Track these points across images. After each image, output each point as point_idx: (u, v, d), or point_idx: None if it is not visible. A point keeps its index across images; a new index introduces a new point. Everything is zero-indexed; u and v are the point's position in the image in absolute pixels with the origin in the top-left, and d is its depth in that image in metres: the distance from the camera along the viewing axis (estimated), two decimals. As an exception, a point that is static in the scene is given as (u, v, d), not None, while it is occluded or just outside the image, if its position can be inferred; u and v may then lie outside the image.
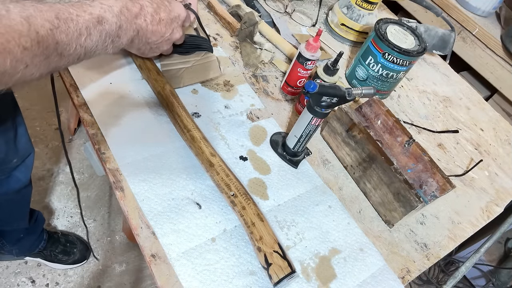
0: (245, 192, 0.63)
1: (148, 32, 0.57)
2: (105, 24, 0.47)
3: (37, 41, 0.37)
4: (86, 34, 0.44)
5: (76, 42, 0.43)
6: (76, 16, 0.43)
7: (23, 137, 0.85)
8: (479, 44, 1.44)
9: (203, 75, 0.80)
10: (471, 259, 0.75)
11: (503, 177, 0.92)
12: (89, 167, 1.63)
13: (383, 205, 0.72)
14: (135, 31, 0.54)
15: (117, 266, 1.42)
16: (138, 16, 0.54)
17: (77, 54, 0.44)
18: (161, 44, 0.63)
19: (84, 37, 0.44)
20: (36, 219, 1.18)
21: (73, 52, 0.43)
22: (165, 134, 0.70)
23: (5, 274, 1.30)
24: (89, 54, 0.47)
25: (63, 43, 0.41)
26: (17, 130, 0.82)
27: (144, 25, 0.55)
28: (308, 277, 0.61)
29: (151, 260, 0.56)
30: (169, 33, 0.62)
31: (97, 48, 0.47)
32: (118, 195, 0.61)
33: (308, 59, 0.78)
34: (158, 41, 0.61)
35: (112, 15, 0.48)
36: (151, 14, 0.56)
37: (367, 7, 1.02)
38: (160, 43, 0.62)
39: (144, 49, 0.62)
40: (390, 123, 0.76)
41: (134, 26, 0.53)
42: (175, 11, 0.61)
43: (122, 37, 0.52)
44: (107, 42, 0.49)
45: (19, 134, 0.83)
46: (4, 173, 0.88)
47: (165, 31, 0.60)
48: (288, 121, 0.82)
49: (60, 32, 0.40)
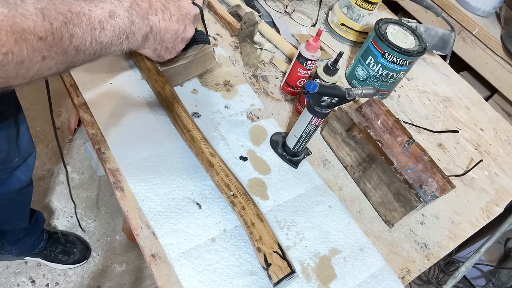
0: (244, 192, 0.63)
1: (161, 29, 0.57)
2: (117, 19, 0.47)
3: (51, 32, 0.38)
4: (100, 28, 0.45)
5: (90, 35, 0.43)
6: (88, 10, 0.43)
7: (25, 136, 0.85)
8: (479, 44, 1.44)
9: (200, 67, 0.79)
10: (471, 259, 0.75)
11: (503, 177, 0.92)
12: (89, 167, 1.63)
13: (383, 205, 0.72)
14: (148, 27, 0.54)
15: (117, 266, 1.42)
16: (149, 11, 0.54)
17: (93, 49, 0.45)
18: (176, 43, 0.62)
19: (98, 31, 0.44)
20: (37, 219, 1.18)
21: (89, 46, 0.44)
22: (165, 134, 0.70)
23: (5, 274, 1.30)
24: (105, 50, 0.47)
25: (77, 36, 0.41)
26: (19, 129, 0.82)
27: (156, 21, 0.55)
28: (308, 277, 0.61)
29: (151, 260, 0.56)
30: (182, 30, 0.61)
31: (112, 44, 0.48)
32: (118, 195, 0.61)
33: (308, 59, 0.78)
34: (172, 39, 0.60)
35: (123, 9, 0.49)
36: (161, 9, 0.56)
37: (367, 7, 1.02)
38: (175, 42, 0.61)
39: (160, 49, 0.61)
40: (390, 123, 0.76)
41: (147, 21, 0.53)
42: (185, 8, 0.61)
43: (137, 33, 0.52)
44: (122, 38, 0.49)
45: (21, 133, 0.83)
46: (6, 172, 0.88)
47: (178, 27, 0.60)
48: (288, 121, 0.82)
49: (74, 25, 0.41)
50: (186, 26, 0.61)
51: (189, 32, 0.63)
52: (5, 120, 0.77)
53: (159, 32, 0.57)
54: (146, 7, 0.53)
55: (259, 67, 0.90)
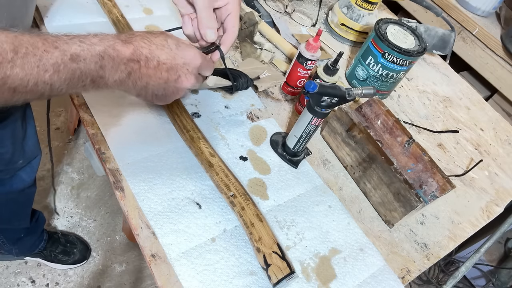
0: (244, 193, 0.63)
1: (143, 76, 0.51)
2: (80, 63, 0.43)
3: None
4: (52, 71, 0.41)
5: (36, 78, 0.40)
6: (43, 52, 0.40)
7: (31, 139, 0.84)
8: (479, 44, 1.44)
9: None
10: (471, 259, 0.75)
11: (503, 177, 0.92)
12: (89, 167, 1.63)
13: (383, 205, 0.72)
14: (125, 72, 0.49)
15: (117, 266, 1.42)
16: (130, 57, 0.49)
17: (38, 91, 0.41)
18: (168, 92, 0.56)
19: (50, 73, 0.41)
20: (37, 219, 1.18)
21: (32, 88, 0.40)
22: (165, 134, 0.70)
23: (5, 274, 1.30)
24: (58, 91, 0.43)
25: (16, 78, 0.38)
26: (26, 132, 0.82)
27: (136, 67, 0.50)
28: (308, 277, 0.61)
29: (151, 260, 0.56)
30: (174, 80, 0.54)
31: (70, 87, 0.44)
32: (118, 195, 0.61)
33: (308, 59, 0.78)
34: (161, 87, 0.54)
35: (92, 54, 0.45)
36: (145, 56, 0.50)
37: (367, 7, 1.02)
38: (166, 91, 0.55)
39: (145, 94, 0.55)
40: (390, 123, 0.76)
41: (123, 67, 0.48)
42: (184, 57, 0.54)
43: (107, 77, 0.47)
44: (85, 82, 0.45)
45: (28, 135, 0.83)
46: (9, 173, 0.88)
47: (168, 77, 0.53)
48: (288, 121, 0.82)
49: (13, 66, 0.38)
50: (180, 76, 0.54)
51: (185, 83, 0.55)
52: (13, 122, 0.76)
53: (139, 78, 0.51)
54: (127, 53, 0.48)
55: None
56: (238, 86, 0.75)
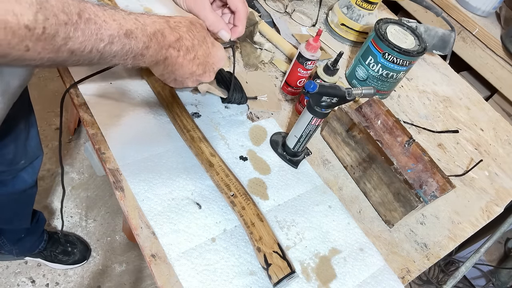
0: (244, 192, 0.63)
1: (176, 64, 0.55)
2: (132, 40, 0.45)
3: (43, 26, 0.35)
4: (107, 41, 0.42)
5: (92, 45, 0.41)
6: (102, 22, 0.41)
7: (33, 140, 0.85)
8: (479, 44, 1.44)
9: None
10: (471, 259, 0.75)
11: (503, 177, 0.92)
12: (89, 167, 1.63)
13: (383, 205, 0.72)
14: (163, 57, 0.52)
15: (117, 266, 1.42)
16: (173, 45, 0.52)
17: (91, 57, 0.43)
18: (187, 81, 0.60)
19: (104, 43, 0.42)
20: (38, 220, 1.19)
21: (87, 54, 0.41)
22: (165, 134, 0.70)
23: (5, 274, 1.30)
24: (104, 60, 0.45)
25: (76, 41, 0.39)
26: (29, 132, 0.82)
27: (175, 55, 0.53)
28: (308, 277, 0.61)
29: (151, 260, 0.56)
30: (199, 74, 0.59)
31: (115, 58, 0.46)
32: (118, 195, 0.61)
33: (308, 59, 0.78)
34: (185, 76, 0.58)
35: (144, 34, 0.47)
36: (186, 48, 0.54)
37: (367, 7, 1.02)
38: (186, 79, 0.59)
39: (167, 77, 0.58)
40: (390, 123, 0.76)
41: (164, 51, 0.51)
42: (215, 57, 0.59)
43: (147, 57, 0.50)
44: (128, 57, 0.47)
45: (30, 136, 0.83)
46: (11, 173, 0.88)
47: (196, 70, 0.57)
48: (288, 121, 0.82)
49: (76, 29, 0.39)
50: (205, 72, 0.59)
51: (206, 78, 0.61)
52: (15, 123, 0.76)
53: (172, 64, 0.55)
54: (171, 40, 0.51)
55: (259, 67, 0.90)
56: (230, 100, 0.76)
